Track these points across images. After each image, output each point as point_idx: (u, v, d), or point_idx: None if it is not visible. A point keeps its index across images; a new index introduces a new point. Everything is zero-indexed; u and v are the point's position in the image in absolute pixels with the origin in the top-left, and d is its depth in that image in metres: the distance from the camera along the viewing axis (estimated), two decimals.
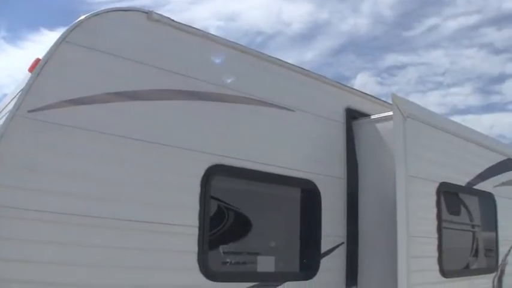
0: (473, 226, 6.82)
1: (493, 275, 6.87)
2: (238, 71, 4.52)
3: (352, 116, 5.51)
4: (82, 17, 3.62)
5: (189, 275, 3.94)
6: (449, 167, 5.97)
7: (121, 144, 3.65)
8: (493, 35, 26.85)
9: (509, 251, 7.37)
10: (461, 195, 6.47)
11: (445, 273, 5.59)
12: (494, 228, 7.06)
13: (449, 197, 6.08)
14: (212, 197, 4.17)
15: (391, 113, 5.10)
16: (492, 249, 7.02)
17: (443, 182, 5.73)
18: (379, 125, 5.39)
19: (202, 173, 4.06)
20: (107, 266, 3.51)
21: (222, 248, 4.40)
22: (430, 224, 5.49)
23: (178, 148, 3.96)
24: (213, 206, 4.25)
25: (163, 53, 4.04)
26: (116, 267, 3.55)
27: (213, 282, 4.05)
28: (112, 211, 3.55)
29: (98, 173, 3.52)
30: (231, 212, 4.53)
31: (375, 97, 6.04)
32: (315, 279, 4.83)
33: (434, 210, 5.56)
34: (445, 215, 5.85)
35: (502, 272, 7.08)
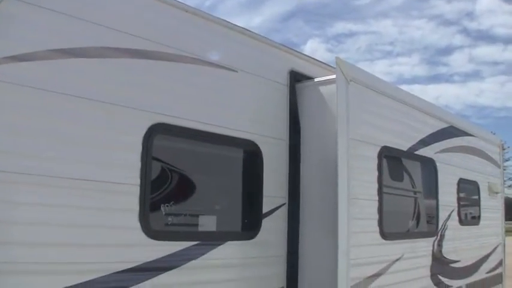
0: (414, 190, 7.15)
1: (433, 239, 7.25)
2: (181, 30, 4.62)
3: (296, 78, 5.69)
4: None
5: (131, 233, 4.05)
6: (391, 132, 6.25)
7: (63, 102, 3.71)
8: (443, 7, 27.40)
9: (449, 216, 7.78)
10: (403, 160, 6.77)
11: (385, 235, 5.89)
12: (435, 193, 7.42)
13: (391, 161, 6.36)
14: (154, 157, 4.28)
15: (334, 76, 5.30)
16: (432, 214, 7.39)
17: (384, 146, 6.01)
18: (322, 88, 5.59)
19: (143, 131, 4.17)
20: (46, 224, 3.58)
21: (163, 208, 4.50)
22: (371, 187, 5.77)
23: (119, 106, 4.04)
24: (155, 166, 4.35)
25: (106, 11, 4.10)
26: (56, 225, 3.63)
27: (154, 240, 4.18)
28: (52, 169, 3.62)
29: (38, 130, 3.59)
30: (173, 172, 4.63)
31: (319, 60, 6.23)
32: (256, 239, 5.03)
33: (376, 174, 5.83)
34: (387, 179, 6.13)
35: (442, 236, 7.47)
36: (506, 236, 11.37)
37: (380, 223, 5.83)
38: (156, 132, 4.25)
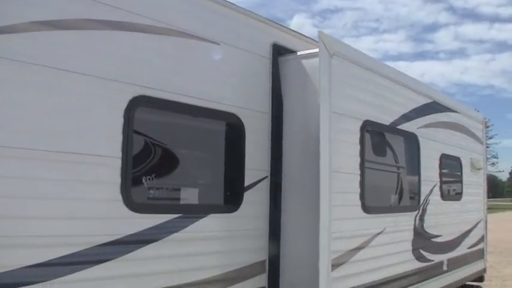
0: (396, 165, 7.23)
1: (415, 213, 7.36)
2: (163, 2, 4.61)
3: (279, 52, 5.71)
4: None
5: (113, 206, 4.09)
6: (373, 106, 6.31)
7: (45, 74, 3.70)
8: None
9: (431, 191, 7.89)
10: (385, 135, 6.84)
11: (367, 209, 5.98)
12: (417, 168, 7.52)
13: (374, 135, 6.43)
14: (136, 130, 4.29)
15: (317, 50, 5.32)
16: (415, 188, 7.49)
17: (367, 120, 6.07)
18: (305, 62, 5.62)
19: (125, 104, 4.18)
20: (27, 197, 3.60)
21: (145, 180, 4.53)
22: (353, 161, 5.84)
23: (101, 79, 4.05)
24: (137, 139, 4.36)
25: None
26: (37, 199, 3.65)
27: (136, 213, 4.22)
28: (34, 141, 3.63)
29: (20, 102, 3.59)
30: (155, 145, 4.65)
31: (302, 34, 6.25)
32: (239, 212, 5.09)
33: (358, 147, 5.90)
34: (369, 153, 6.21)
35: (424, 211, 7.58)
36: (488, 213, 11.55)
37: (362, 197, 5.92)
38: (138, 104, 4.27)
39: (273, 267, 5.36)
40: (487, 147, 11.80)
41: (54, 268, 3.70)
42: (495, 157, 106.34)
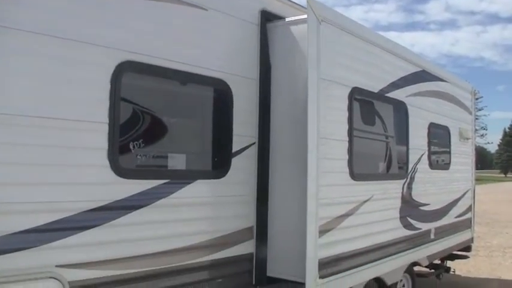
0: (385, 132, 7.26)
1: (403, 181, 7.42)
2: None
3: (267, 18, 5.68)
4: None
5: (100, 172, 4.11)
6: (362, 73, 6.32)
7: (30, 40, 3.68)
8: None
9: (419, 159, 7.95)
10: (373, 102, 6.86)
11: (354, 176, 6.03)
12: (405, 136, 7.57)
13: (362, 102, 6.46)
14: (123, 95, 4.28)
15: (305, 16, 5.32)
16: (403, 157, 7.54)
17: (355, 87, 6.09)
18: (293, 28, 5.60)
19: (112, 69, 4.17)
20: (13, 164, 3.60)
21: (133, 146, 4.53)
22: (341, 127, 5.87)
23: (88, 44, 4.03)
24: (124, 104, 4.34)
25: None
26: (23, 165, 3.66)
27: (123, 179, 4.24)
28: (19, 107, 3.62)
29: (4, 69, 3.57)
30: (142, 110, 4.64)
31: (291, 1, 6.22)
32: (226, 178, 5.12)
33: (346, 114, 5.93)
34: (357, 120, 6.23)
35: (412, 179, 7.65)
36: (477, 184, 11.66)
37: (350, 164, 5.96)
38: (125, 70, 4.26)
39: (261, 233, 5.41)
40: (476, 118, 11.84)
41: (40, 234, 3.72)
42: (484, 129, 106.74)
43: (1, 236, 3.52)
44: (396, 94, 7.20)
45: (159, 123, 4.93)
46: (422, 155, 8.13)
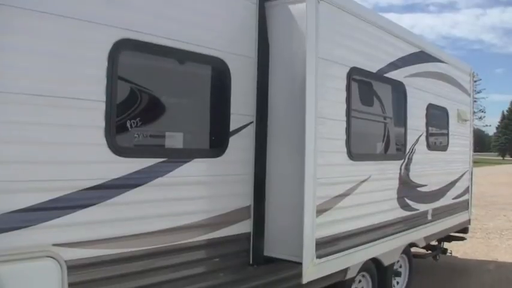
0: (383, 113, 7.26)
1: (400, 162, 7.44)
2: None
3: None
4: None
5: (97, 150, 4.09)
6: (361, 53, 6.33)
7: (26, 17, 3.64)
8: None
9: (417, 140, 7.96)
10: (372, 82, 6.86)
11: (352, 156, 6.04)
12: (404, 117, 7.58)
13: (361, 82, 6.45)
14: (120, 73, 4.24)
15: None
16: (401, 137, 7.56)
17: (354, 67, 6.09)
18: (291, 7, 5.55)
19: (109, 47, 4.14)
20: (10, 142, 3.58)
21: (130, 124, 4.51)
22: (339, 107, 5.88)
23: (85, 21, 3.99)
24: (121, 82, 4.31)
25: None
26: (20, 143, 3.64)
27: (120, 157, 4.22)
28: (16, 85, 3.59)
29: (1, 46, 3.54)
30: (139, 89, 4.61)
31: None
32: (224, 157, 5.11)
33: (344, 94, 5.94)
34: (355, 100, 6.24)
35: (410, 160, 7.67)
36: (474, 167, 11.69)
37: (348, 143, 5.98)
38: (122, 48, 4.23)
39: (258, 213, 5.41)
40: (475, 101, 11.87)
41: (37, 213, 3.71)
42: (482, 111, 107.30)
43: None
44: (395, 74, 7.20)
45: (156, 102, 4.91)
46: (420, 136, 8.15)
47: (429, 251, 10.45)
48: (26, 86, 3.64)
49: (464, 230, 11.05)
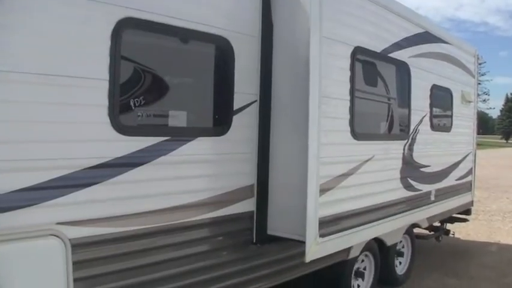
0: (387, 92, 7.24)
1: (404, 142, 7.43)
2: None
3: None
4: None
5: (100, 129, 4.09)
6: (365, 33, 6.29)
7: None
8: None
9: (421, 121, 7.95)
10: (376, 62, 6.83)
11: (356, 135, 6.03)
12: (408, 97, 7.56)
13: (365, 62, 6.42)
14: (123, 51, 4.22)
15: None
16: (404, 117, 7.54)
17: (358, 47, 6.06)
18: None
19: (112, 26, 4.12)
20: (13, 120, 3.58)
21: (133, 103, 4.50)
22: (343, 86, 5.86)
23: (88, 0, 3.99)
24: (125, 61, 4.29)
25: None
26: (23, 121, 3.64)
27: (124, 136, 4.23)
28: (19, 64, 3.58)
29: (3, 25, 3.52)
30: (143, 67, 4.58)
31: None
32: (227, 135, 5.10)
33: (348, 73, 5.91)
34: (360, 79, 6.22)
35: (413, 140, 7.66)
36: (478, 149, 11.70)
37: (351, 123, 5.96)
38: (125, 26, 4.21)
39: (262, 192, 5.41)
40: (479, 83, 11.80)
41: (41, 192, 3.72)
42: (486, 94, 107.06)
43: (1, 194, 3.52)
44: (399, 55, 7.16)
45: (160, 81, 4.89)
46: (424, 116, 8.12)
47: (432, 232, 10.47)
48: (29, 65, 3.64)
49: (467, 212, 11.06)
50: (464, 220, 11.27)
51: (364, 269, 7.51)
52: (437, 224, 10.40)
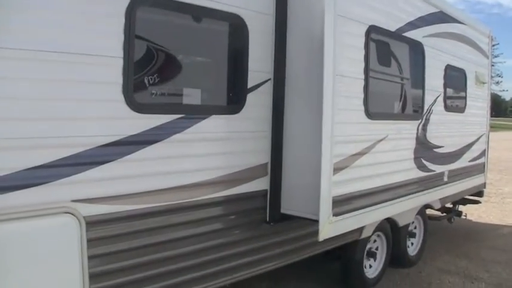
0: (401, 72, 7.20)
1: (418, 122, 7.39)
2: None
3: None
4: None
5: (114, 106, 4.09)
6: (379, 11, 6.24)
7: None
8: None
9: (435, 101, 7.90)
10: (390, 41, 6.78)
11: (370, 114, 6.01)
12: (422, 77, 7.51)
13: (379, 41, 6.38)
14: (138, 29, 4.20)
15: None
16: (418, 97, 7.50)
17: (372, 25, 6.02)
18: None
19: (127, 2, 4.11)
20: (27, 98, 3.59)
21: (147, 80, 4.50)
22: (357, 65, 5.82)
23: None
24: (139, 38, 4.29)
25: None
26: (38, 99, 3.64)
27: (138, 114, 4.23)
28: (34, 42, 3.58)
29: (16, 2, 3.50)
30: (157, 45, 4.58)
31: None
32: (241, 113, 5.10)
33: (362, 52, 5.88)
34: (373, 58, 6.18)
35: (427, 120, 7.62)
36: (490, 132, 11.61)
37: (365, 102, 5.94)
38: (140, 3, 4.20)
39: (275, 170, 5.41)
40: (492, 65, 11.68)
41: (56, 169, 3.74)
42: (499, 76, 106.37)
43: (16, 172, 3.54)
44: (413, 34, 7.10)
45: (173, 59, 4.89)
46: (438, 96, 8.07)
47: (444, 214, 10.45)
48: (43, 42, 3.63)
49: (480, 194, 11.02)
50: (477, 202, 11.22)
51: (376, 249, 7.53)
52: (449, 205, 10.37)
